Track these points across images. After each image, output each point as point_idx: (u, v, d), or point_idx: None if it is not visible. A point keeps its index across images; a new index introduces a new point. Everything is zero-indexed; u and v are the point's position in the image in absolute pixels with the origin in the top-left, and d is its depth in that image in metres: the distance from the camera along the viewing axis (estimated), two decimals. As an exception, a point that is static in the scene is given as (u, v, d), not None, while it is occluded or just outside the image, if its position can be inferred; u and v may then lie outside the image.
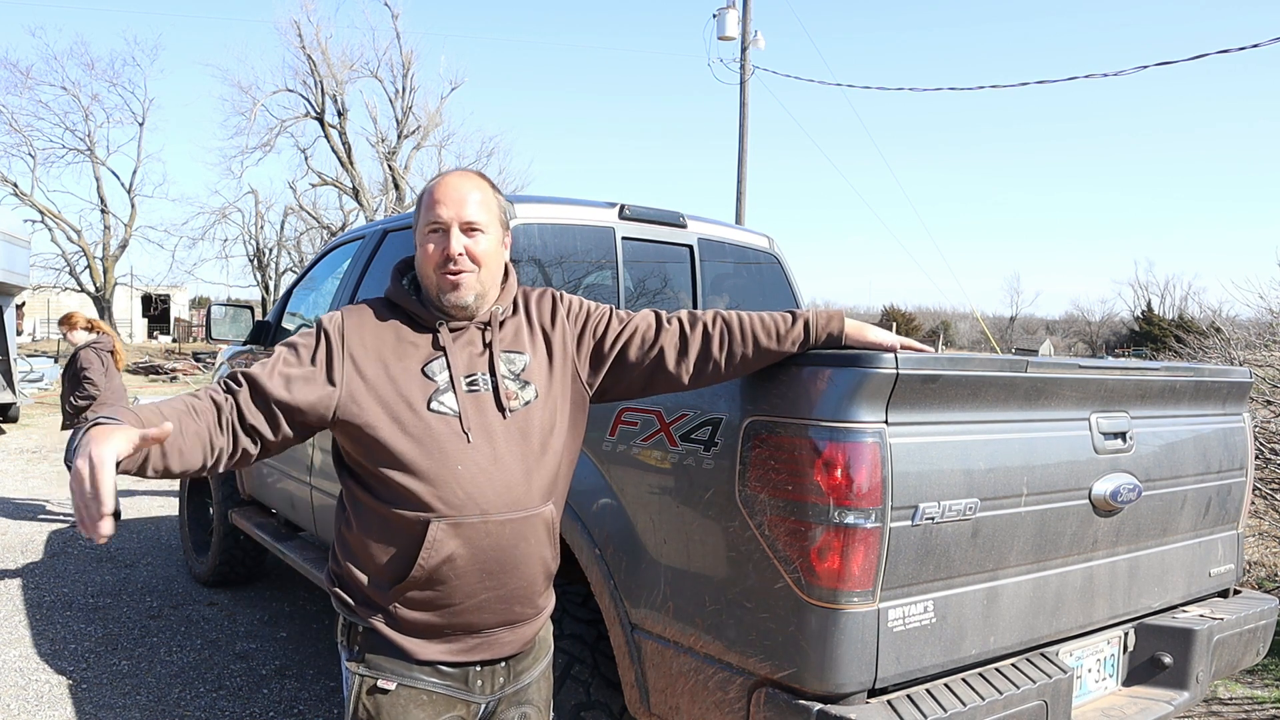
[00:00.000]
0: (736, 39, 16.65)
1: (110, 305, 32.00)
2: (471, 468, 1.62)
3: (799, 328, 1.88)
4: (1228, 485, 2.76)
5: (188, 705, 3.81)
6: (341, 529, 1.74)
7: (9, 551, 6.26)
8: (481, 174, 1.80)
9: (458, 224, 1.68)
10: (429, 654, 1.68)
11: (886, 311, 53.66)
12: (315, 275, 4.87)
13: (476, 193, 1.72)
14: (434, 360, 1.67)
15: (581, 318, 1.84)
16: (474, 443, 1.63)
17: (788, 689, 1.90)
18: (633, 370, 1.83)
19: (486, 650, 1.72)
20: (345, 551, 1.72)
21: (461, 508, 1.61)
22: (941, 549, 1.95)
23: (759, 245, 4.24)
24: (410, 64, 28.27)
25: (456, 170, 1.80)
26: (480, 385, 1.68)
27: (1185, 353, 8.32)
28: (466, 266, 1.67)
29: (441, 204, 1.69)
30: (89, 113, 30.27)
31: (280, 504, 4.61)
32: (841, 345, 1.92)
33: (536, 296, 1.84)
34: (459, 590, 1.65)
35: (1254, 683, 4.25)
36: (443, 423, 1.62)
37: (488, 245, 1.71)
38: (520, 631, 1.75)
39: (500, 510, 1.64)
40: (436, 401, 1.64)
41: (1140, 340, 42.70)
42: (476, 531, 1.62)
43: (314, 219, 30.71)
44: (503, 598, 1.69)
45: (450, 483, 1.61)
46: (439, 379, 1.66)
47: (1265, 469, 5.42)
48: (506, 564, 1.67)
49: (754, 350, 1.85)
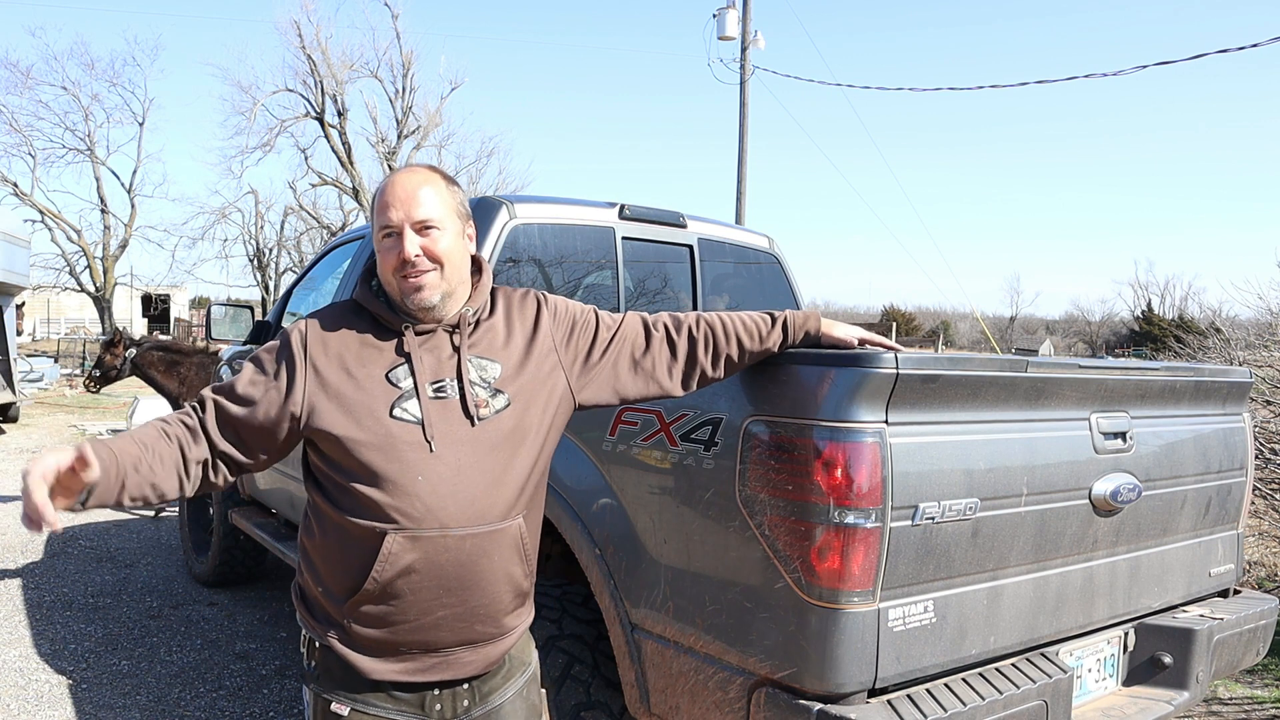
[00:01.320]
0: (736, 39, 16.65)
1: (110, 305, 31.98)
2: (433, 478, 1.55)
3: (778, 329, 1.92)
4: (1228, 485, 2.76)
5: (188, 705, 3.81)
6: (303, 539, 1.68)
7: (9, 551, 6.27)
8: (433, 167, 1.72)
9: (409, 224, 1.60)
10: (382, 673, 1.61)
11: (886, 311, 53.65)
12: (315, 275, 4.87)
13: (426, 188, 1.64)
14: (399, 366, 1.61)
15: (567, 322, 1.78)
16: (437, 452, 1.56)
17: (788, 689, 1.90)
18: (619, 377, 1.79)
19: (445, 670, 1.64)
20: (306, 562, 1.67)
21: (421, 520, 1.54)
22: (941, 549, 1.95)
23: (759, 245, 4.24)
24: (410, 64, 28.26)
25: (405, 168, 1.71)
26: (447, 391, 1.61)
27: (1185, 353, 8.32)
28: (425, 266, 1.60)
29: (391, 206, 1.62)
30: (89, 113, 30.25)
31: (280, 504, 4.61)
32: (818, 343, 1.97)
33: (519, 297, 1.78)
34: (414, 606, 1.58)
35: (1254, 683, 4.25)
36: (405, 430, 1.56)
37: (447, 242, 1.63)
38: (483, 652, 1.67)
39: (462, 524, 1.57)
40: (399, 408, 1.57)
41: (1140, 340, 42.69)
42: (435, 545, 1.55)
43: (314, 219, 30.70)
44: (461, 616, 1.61)
45: (410, 493, 1.54)
46: (403, 385, 1.59)
47: (1265, 469, 5.43)
48: (467, 580, 1.59)
49: (737, 352, 1.88)
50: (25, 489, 1.38)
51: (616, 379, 1.79)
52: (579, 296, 3.58)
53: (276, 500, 4.66)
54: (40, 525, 1.38)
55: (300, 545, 1.70)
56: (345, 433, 1.56)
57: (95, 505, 1.50)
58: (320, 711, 1.65)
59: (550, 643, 2.39)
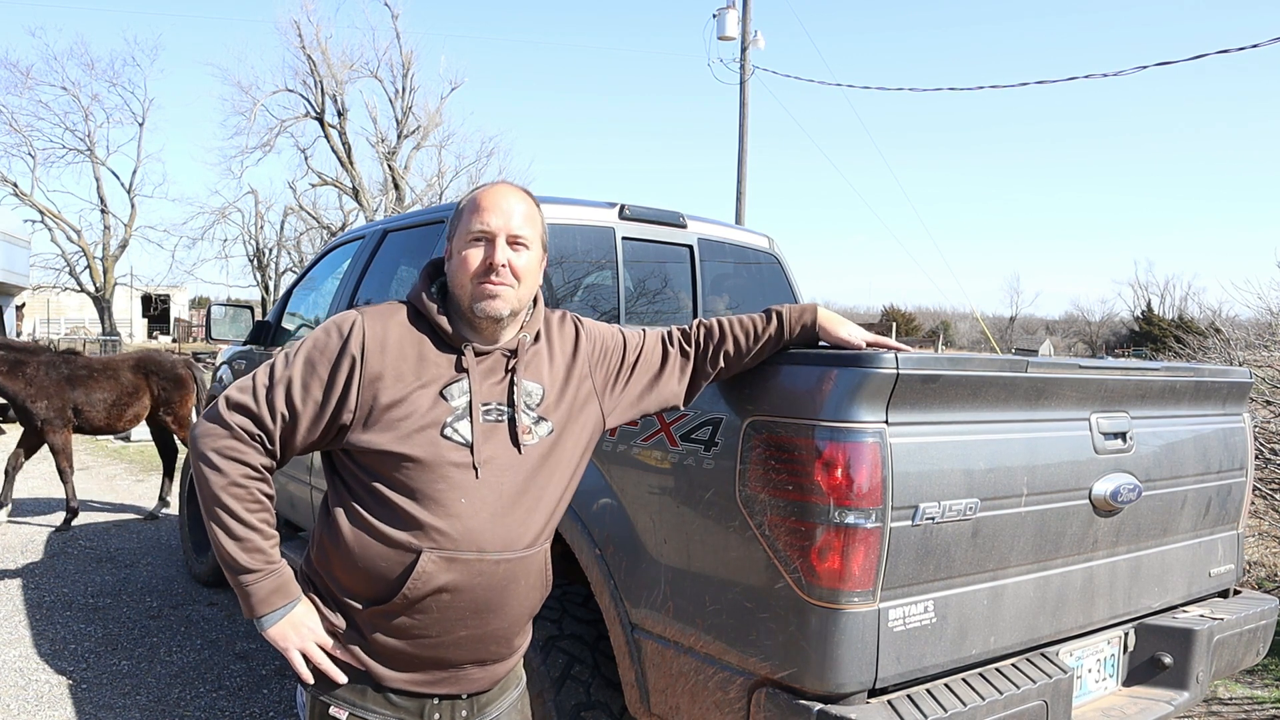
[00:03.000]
0: (736, 39, 16.64)
1: (110, 305, 31.97)
2: (475, 501, 1.56)
3: (773, 324, 1.94)
4: (1228, 485, 2.76)
5: (188, 705, 3.81)
6: (323, 537, 1.63)
7: (9, 551, 6.26)
8: (529, 192, 1.74)
9: (505, 235, 1.61)
10: (391, 680, 1.62)
11: (886, 311, 53.66)
12: (315, 275, 4.87)
13: (527, 207, 1.66)
14: (455, 383, 1.59)
15: (600, 347, 1.80)
16: (482, 477, 1.56)
17: (788, 689, 1.90)
18: (641, 398, 1.84)
19: (453, 685, 1.65)
20: (323, 560, 1.64)
21: (459, 542, 1.55)
22: (942, 549, 1.95)
23: (759, 245, 4.24)
24: (410, 64, 28.24)
25: (505, 183, 1.72)
26: (495, 415, 1.60)
27: (1185, 353, 8.32)
28: (508, 280, 1.60)
29: (491, 212, 1.62)
30: (89, 113, 30.23)
31: (280, 504, 4.61)
32: (815, 337, 1.98)
33: (558, 320, 1.79)
34: (438, 624, 1.58)
35: (1254, 683, 4.25)
36: (454, 451, 1.56)
37: (529, 261, 1.65)
38: (491, 670, 1.69)
39: (498, 549, 1.58)
40: (450, 428, 1.56)
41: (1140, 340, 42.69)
42: (471, 569, 1.56)
43: (314, 219, 30.67)
44: (480, 637, 1.63)
45: (452, 514, 1.54)
46: (456, 404, 1.58)
47: (1265, 469, 5.42)
48: (495, 604, 1.61)
49: (734, 352, 1.92)
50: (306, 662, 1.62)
51: (640, 398, 1.84)
52: (579, 296, 3.58)
53: (277, 500, 4.65)
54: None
55: (319, 541, 1.65)
56: (393, 447, 1.54)
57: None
58: (318, 715, 1.65)
59: (550, 643, 2.39)
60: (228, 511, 1.54)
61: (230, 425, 1.56)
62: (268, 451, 1.58)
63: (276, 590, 1.58)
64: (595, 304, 3.59)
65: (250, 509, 1.56)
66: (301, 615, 1.60)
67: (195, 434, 1.60)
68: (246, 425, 1.56)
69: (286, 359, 1.60)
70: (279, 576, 1.59)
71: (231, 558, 1.55)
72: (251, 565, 1.56)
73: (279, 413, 1.56)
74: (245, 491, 1.56)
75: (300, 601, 1.61)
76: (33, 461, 10.34)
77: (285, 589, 1.59)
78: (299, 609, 1.60)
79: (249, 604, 1.58)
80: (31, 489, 8.67)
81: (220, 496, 1.54)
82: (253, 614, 1.58)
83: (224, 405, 1.59)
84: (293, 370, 1.58)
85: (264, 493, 1.59)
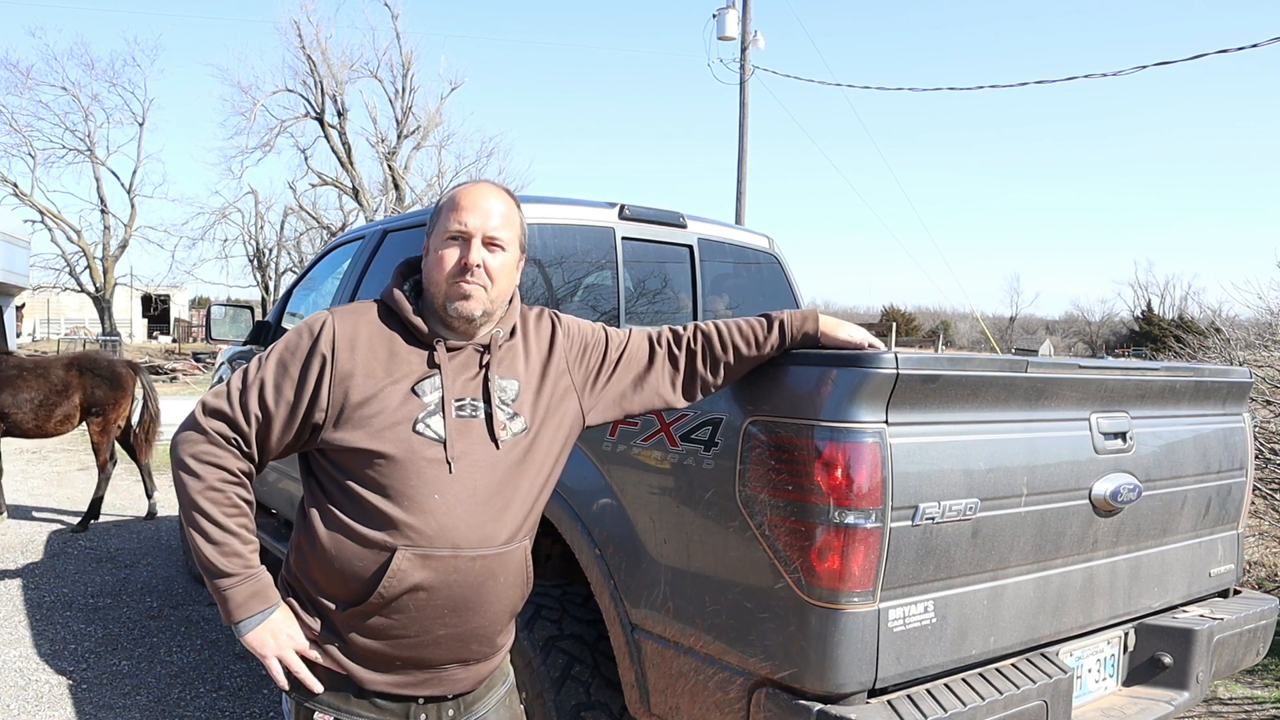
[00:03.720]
0: (736, 39, 16.64)
1: (110, 305, 31.99)
2: (449, 498, 1.55)
3: (775, 332, 1.92)
4: (1228, 485, 2.76)
5: (188, 705, 3.81)
6: (301, 540, 1.63)
7: (9, 551, 6.26)
8: (510, 192, 1.73)
9: (481, 235, 1.62)
10: (373, 683, 1.61)
11: (886, 311, 53.65)
12: (315, 275, 4.87)
13: (504, 207, 1.66)
14: (426, 379, 1.59)
15: (580, 342, 1.80)
16: (455, 473, 1.55)
17: (788, 689, 1.90)
18: (625, 395, 1.82)
19: (436, 686, 1.64)
20: (301, 563, 1.63)
21: (433, 539, 1.54)
22: (942, 549, 1.95)
23: (759, 245, 4.24)
24: (410, 64, 28.28)
25: (485, 182, 1.72)
26: (469, 411, 1.60)
27: (1185, 353, 8.32)
28: (481, 280, 1.61)
29: (469, 211, 1.62)
30: (89, 113, 30.28)
31: (280, 504, 4.61)
32: (818, 343, 1.96)
33: (534, 316, 1.79)
34: (416, 623, 1.57)
35: (1254, 683, 4.25)
36: (426, 447, 1.55)
37: (505, 262, 1.65)
38: (475, 670, 1.68)
39: (473, 545, 1.57)
40: (422, 424, 1.55)
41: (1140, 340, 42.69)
42: (446, 566, 1.55)
43: (314, 219, 30.70)
44: (461, 635, 1.62)
45: (425, 511, 1.53)
46: (428, 399, 1.57)
47: (1265, 469, 5.43)
48: (472, 602, 1.60)
49: (735, 359, 1.90)
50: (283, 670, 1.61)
51: (623, 397, 1.83)
52: (579, 297, 3.58)
53: (276, 500, 4.65)
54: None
55: (296, 545, 1.65)
56: (365, 444, 1.54)
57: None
58: (302, 718, 1.64)
59: (550, 643, 2.39)
60: (205, 516, 1.54)
61: (206, 430, 1.57)
62: (245, 455, 1.58)
63: (254, 595, 1.58)
64: (595, 304, 3.58)
65: (228, 513, 1.56)
66: (280, 622, 1.59)
67: (174, 440, 1.61)
68: (222, 429, 1.57)
69: (260, 361, 1.61)
70: (257, 582, 1.58)
71: (209, 562, 1.55)
72: (229, 570, 1.55)
73: (253, 415, 1.57)
74: (223, 496, 1.56)
75: (279, 608, 1.61)
76: (33, 462, 10.36)
77: (263, 594, 1.59)
78: (277, 615, 1.60)
79: (226, 609, 1.57)
80: (32, 489, 8.67)
81: (197, 501, 1.54)
82: (230, 619, 1.57)
83: (200, 411, 1.59)
84: (265, 372, 1.59)
85: (242, 498, 1.58)
